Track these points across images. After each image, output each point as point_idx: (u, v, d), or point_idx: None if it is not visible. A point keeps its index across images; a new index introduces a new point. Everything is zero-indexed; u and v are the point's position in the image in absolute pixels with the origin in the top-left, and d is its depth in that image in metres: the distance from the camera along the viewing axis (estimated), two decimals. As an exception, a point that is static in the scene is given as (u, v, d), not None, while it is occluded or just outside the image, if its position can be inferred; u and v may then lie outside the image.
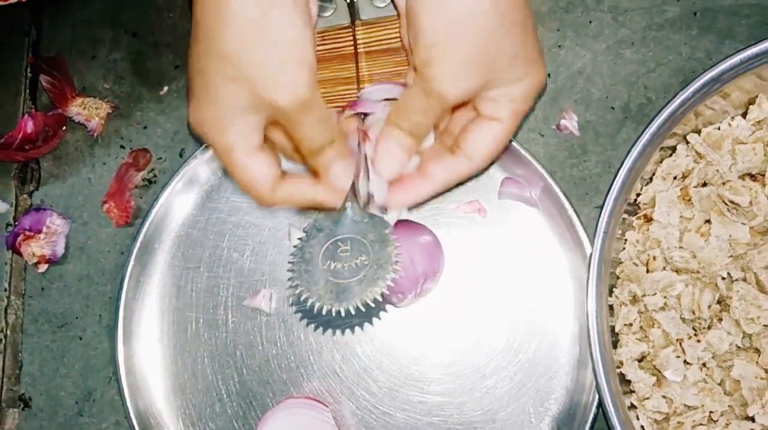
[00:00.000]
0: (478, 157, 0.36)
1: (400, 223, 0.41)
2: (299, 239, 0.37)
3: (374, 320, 0.42)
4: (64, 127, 0.47)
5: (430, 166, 0.37)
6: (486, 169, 0.39)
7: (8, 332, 0.46)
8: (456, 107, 0.36)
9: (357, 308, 0.35)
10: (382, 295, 0.36)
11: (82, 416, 0.45)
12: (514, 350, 0.42)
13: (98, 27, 0.49)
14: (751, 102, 0.42)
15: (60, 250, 0.46)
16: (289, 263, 0.36)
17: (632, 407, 0.40)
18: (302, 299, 0.36)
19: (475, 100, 0.36)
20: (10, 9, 0.46)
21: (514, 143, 0.43)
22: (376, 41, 0.42)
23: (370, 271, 0.36)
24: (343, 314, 0.35)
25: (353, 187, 0.36)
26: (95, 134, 0.47)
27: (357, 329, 0.42)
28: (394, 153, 0.37)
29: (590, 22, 0.45)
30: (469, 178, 0.38)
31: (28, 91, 0.49)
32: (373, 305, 0.36)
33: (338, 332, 0.43)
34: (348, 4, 0.41)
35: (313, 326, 0.42)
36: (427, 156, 0.38)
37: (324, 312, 0.35)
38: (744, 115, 0.42)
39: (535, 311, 0.43)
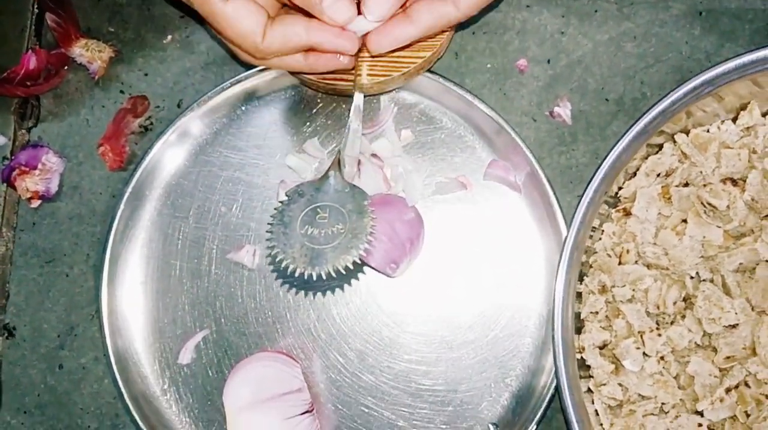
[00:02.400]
0: (465, 4, 0.35)
1: (383, 196, 0.42)
2: (280, 202, 0.38)
3: (346, 286, 0.43)
4: (66, 67, 0.48)
5: (416, 8, 0.36)
6: (472, 20, 0.38)
7: (-2, 263, 0.48)
8: None
9: (328, 274, 0.37)
10: (359, 261, 0.37)
11: (63, 350, 0.47)
12: (482, 326, 0.44)
13: (107, -31, 0.49)
14: (743, 107, 0.43)
15: (54, 187, 0.47)
16: (268, 224, 0.37)
17: (589, 391, 0.42)
18: (277, 260, 0.37)
19: None
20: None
21: (505, 125, 0.43)
22: None
23: (345, 239, 0.37)
24: (314, 278, 0.37)
25: (337, 156, 0.36)
26: (96, 77, 0.48)
27: (334, 292, 0.44)
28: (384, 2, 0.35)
29: (596, 11, 0.45)
30: (453, 27, 0.37)
31: (33, 27, 0.49)
32: (344, 272, 0.37)
33: (314, 293, 0.44)
34: None
35: (287, 285, 0.44)
36: None
37: (296, 274, 0.37)
38: (734, 119, 0.43)
39: (507, 291, 0.44)
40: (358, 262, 0.37)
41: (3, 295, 0.48)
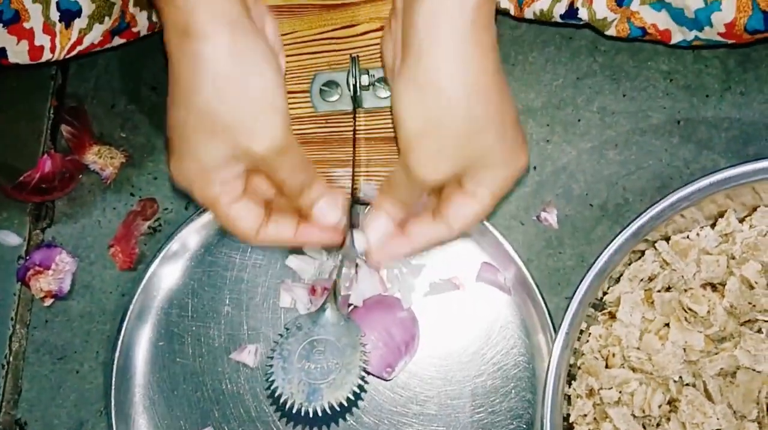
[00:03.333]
0: (456, 227, 0.38)
1: (379, 297, 0.44)
2: (280, 335, 0.41)
3: (341, 422, 0.45)
4: (80, 175, 0.51)
5: (412, 226, 0.39)
6: (463, 235, 0.42)
7: (11, 359, 0.50)
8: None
9: (323, 410, 0.39)
10: (352, 398, 0.39)
11: (73, 445, 0.49)
12: (477, 427, 0.45)
13: (120, 79, 0.52)
14: (721, 215, 0.45)
15: (66, 286, 0.50)
16: (268, 357, 0.40)
17: (580, 492, 0.43)
18: (276, 394, 0.40)
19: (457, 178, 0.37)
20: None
21: (494, 230, 0.46)
22: (375, 129, 0.45)
23: (339, 375, 0.39)
24: (311, 415, 0.39)
25: (333, 288, 0.39)
26: (108, 182, 0.50)
27: (329, 427, 0.45)
28: (383, 224, 0.39)
29: (579, 120, 0.48)
30: (446, 243, 0.40)
31: (49, 131, 0.52)
32: (338, 409, 0.39)
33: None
34: (352, 93, 0.44)
35: (284, 420, 0.45)
36: (412, 216, 0.39)
37: (294, 410, 0.39)
38: (713, 226, 0.45)
39: (499, 392, 0.45)
40: (352, 398, 0.39)
41: (16, 390, 0.50)
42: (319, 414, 0.38)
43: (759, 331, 0.42)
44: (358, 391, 0.40)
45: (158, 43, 0.50)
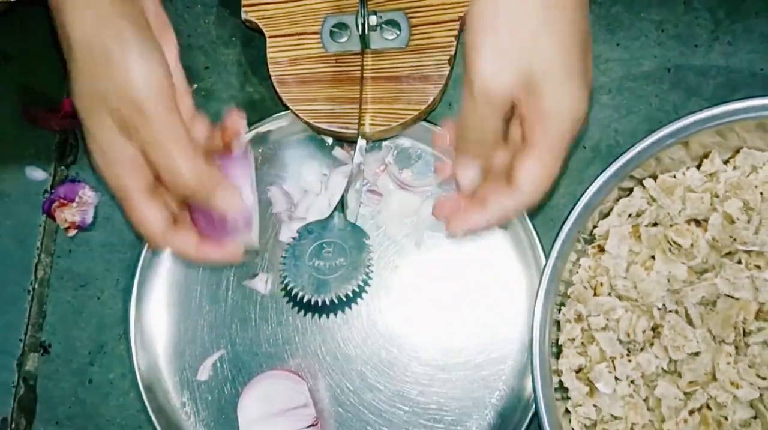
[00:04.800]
0: (528, 190, 0.36)
1: None
2: (293, 238, 0.44)
3: (348, 313, 0.49)
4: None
5: (488, 197, 0.38)
6: (544, 199, 0.39)
7: (36, 286, 0.53)
8: (509, 120, 0.37)
9: (331, 300, 0.43)
10: (357, 290, 0.43)
11: (93, 366, 0.52)
12: (471, 350, 0.48)
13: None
14: (706, 156, 0.47)
15: (89, 218, 0.53)
16: (282, 256, 0.44)
17: (567, 412, 0.46)
18: (288, 287, 0.43)
19: (521, 116, 0.36)
20: None
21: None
22: (382, 69, 0.47)
23: (346, 271, 0.43)
24: (320, 304, 0.42)
25: (342, 198, 0.42)
26: (129, 121, 0.53)
27: (336, 315, 0.49)
28: (470, 177, 0.38)
29: (574, 68, 0.51)
30: (526, 209, 0.39)
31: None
32: (344, 299, 0.43)
33: (320, 318, 0.49)
34: (360, 34, 0.46)
35: (296, 308, 0.49)
36: (488, 184, 0.38)
37: (305, 300, 0.43)
38: (698, 166, 0.48)
39: (493, 319, 0.49)
40: (357, 291, 0.43)
41: (40, 315, 0.53)
42: (327, 304, 0.42)
43: (739, 262, 0.45)
44: (362, 285, 0.44)
45: None
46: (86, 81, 0.36)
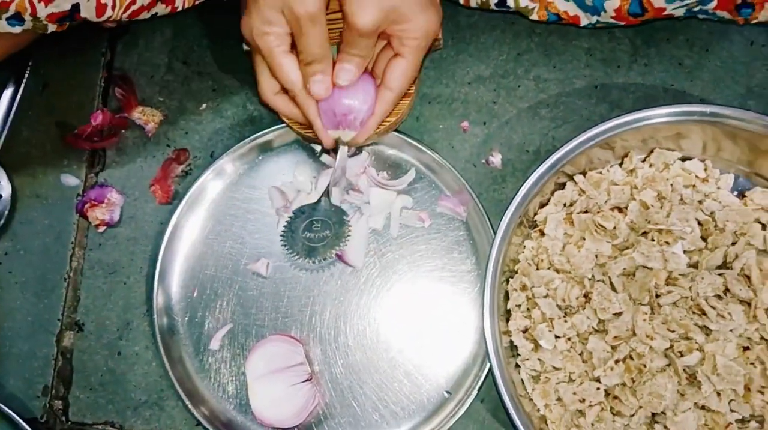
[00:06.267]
0: (395, 87, 0.51)
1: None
2: (289, 217, 0.55)
3: (338, 289, 0.59)
4: (123, 130, 0.63)
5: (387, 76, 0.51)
6: (405, 95, 0.54)
7: (71, 274, 0.62)
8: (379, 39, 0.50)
9: (319, 261, 0.55)
10: (339, 254, 0.56)
11: (121, 340, 0.61)
12: (438, 317, 0.58)
13: (158, 55, 0.65)
14: (626, 155, 0.58)
15: (116, 217, 0.62)
16: (281, 230, 0.55)
17: (516, 366, 0.56)
18: (287, 252, 0.55)
19: (389, 38, 0.49)
20: (91, 33, 0.61)
21: (453, 170, 0.59)
22: None
23: (331, 241, 0.54)
24: (313, 264, 0.54)
25: (327, 187, 0.53)
26: (150, 135, 0.63)
27: (328, 291, 0.59)
28: (349, 72, 0.50)
29: (519, 86, 0.61)
30: (395, 105, 0.53)
31: (100, 97, 0.65)
32: (329, 260, 0.55)
33: (315, 291, 0.59)
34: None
35: (297, 269, 0.59)
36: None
37: (300, 261, 0.55)
38: (621, 164, 0.58)
39: (457, 291, 0.58)
40: (339, 254, 0.55)
41: (75, 299, 0.62)
42: (317, 263, 0.55)
43: (652, 239, 0.55)
44: (341, 252, 0.57)
45: (189, 24, 0.64)
46: None
